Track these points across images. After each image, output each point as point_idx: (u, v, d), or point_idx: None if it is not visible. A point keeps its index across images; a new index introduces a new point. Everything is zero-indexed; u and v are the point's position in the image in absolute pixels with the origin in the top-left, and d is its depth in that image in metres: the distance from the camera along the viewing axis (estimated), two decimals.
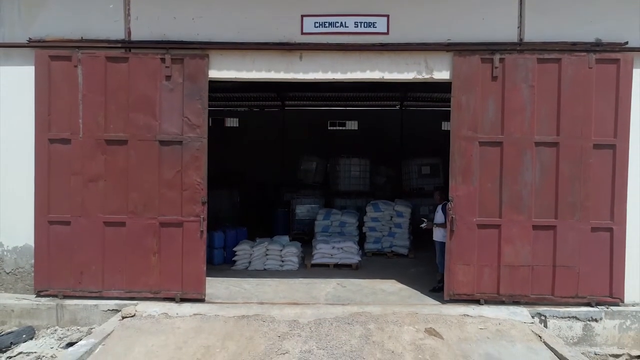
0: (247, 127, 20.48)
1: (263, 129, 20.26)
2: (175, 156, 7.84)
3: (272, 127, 20.30)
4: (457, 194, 7.80)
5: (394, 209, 11.41)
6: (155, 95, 7.80)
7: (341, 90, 19.03)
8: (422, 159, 13.78)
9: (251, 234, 13.74)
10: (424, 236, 12.67)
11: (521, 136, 7.73)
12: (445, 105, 20.52)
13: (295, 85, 18.81)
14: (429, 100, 20.12)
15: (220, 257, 10.52)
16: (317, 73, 7.90)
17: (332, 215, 11.66)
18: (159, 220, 7.81)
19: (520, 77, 7.74)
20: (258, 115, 20.72)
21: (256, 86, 18.86)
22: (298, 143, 19.45)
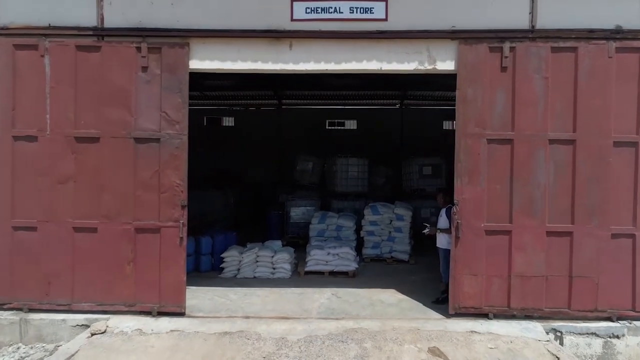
0: (243, 127, 19.70)
1: (259, 128, 19.50)
2: (153, 155, 7.02)
3: (268, 126, 19.53)
4: (463, 196, 6.98)
5: (394, 212, 10.58)
6: (130, 87, 6.99)
7: (340, 88, 18.29)
8: (423, 159, 12.96)
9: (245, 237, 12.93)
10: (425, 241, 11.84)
11: (533, 133, 6.91)
12: (447, 104, 19.78)
13: (292, 83, 18.03)
14: (430, 98, 19.36)
15: (208, 264, 9.69)
16: (308, 63, 7.09)
17: (328, 218, 10.83)
18: (134, 225, 6.99)
19: (532, 67, 6.91)
20: (254, 115, 19.93)
21: (252, 84, 18.10)
22: (295, 143, 18.70)
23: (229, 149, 19.35)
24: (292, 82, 18.08)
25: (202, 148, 19.84)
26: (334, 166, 13.05)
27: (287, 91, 18.89)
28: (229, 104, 19.71)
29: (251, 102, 19.66)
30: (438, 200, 8.03)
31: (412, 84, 18.11)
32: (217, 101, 19.45)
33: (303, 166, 14.32)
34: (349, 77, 17.48)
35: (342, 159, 12.89)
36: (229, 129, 19.88)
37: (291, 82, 18.10)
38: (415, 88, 18.50)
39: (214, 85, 18.11)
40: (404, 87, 18.20)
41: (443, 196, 7.90)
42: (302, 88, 18.57)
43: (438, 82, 18.01)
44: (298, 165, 14.42)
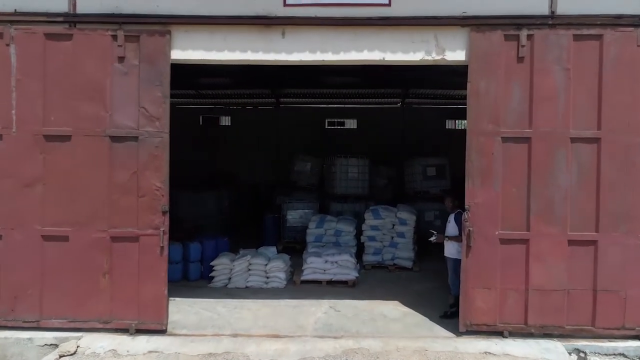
0: (239, 126, 18.93)
1: (257, 127, 18.73)
2: (130, 155, 6.26)
3: (266, 125, 18.77)
4: (474, 201, 6.21)
5: (397, 216, 9.81)
6: (105, 80, 6.23)
7: (340, 86, 17.56)
8: (427, 159, 12.16)
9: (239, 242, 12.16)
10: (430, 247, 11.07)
11: (553, 130, 6.15)
12: (450, 103, 19.03)
13: (290, 81, 17.30)
14: (432, 97, 18.61)
15: (197, 272, 8.93)
16: (303, 54, 6.32)
17: (326, 222, 10.06)
18: (110, 233, 6.24)
19: (552, 57, 6.15)
20: (251, 114, 19.17)
21: (249, 82, 17.37)
22: (293, 142, 17.93)
23: (225, 148, 18.61)
24: (290, 80, 17.40)
25: (198, 148, 19.16)
26: (332, 167, 12.27)
27: (285, 89, 18.15)
28: (225, 103, 18.97)
29: (248, 101, 18.90)
30: (446, 204, 7.25)
31: (414, 82, 17.41)
32: (214, 100, 18.73)
33: (301, 167, 13.55)
34: (349, 74, 16.77)
35: (341, 160, 12.11)
36: (225, 129, 19.12)
37: (289, 80, 17.40)
38: (418, 86, 17.79)
39: (210, 84, 17.39)
40: (406, 85, 17.47)
41: (452, 200, 7.13)
42: (300, 86, 17.84)
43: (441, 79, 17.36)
44: (296, 165, 13.65)
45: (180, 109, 19.06)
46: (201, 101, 18.82)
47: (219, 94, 18.33)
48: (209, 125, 19.18)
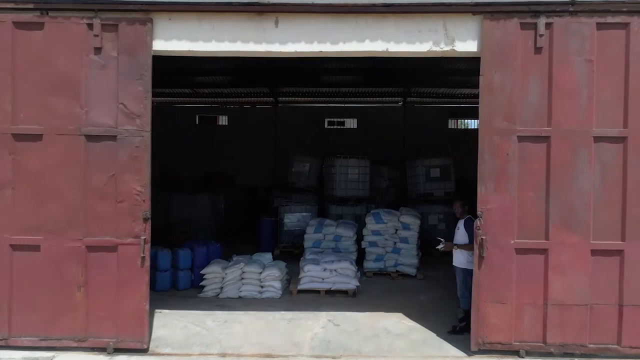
0: (237, 125, 18.31)
1: (255, 127, 18.12)
2: (108, 156, 5.63)
3: (264, 125, 18.16)
4: (487, 206, 5.58)
5: (399, 220, 9.17)
6: (80, 73, 5.60)
7: (340, 85, 16.94)
8: (430, 160, 11.52)
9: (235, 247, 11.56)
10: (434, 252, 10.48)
11: (575, 128, 5.52)
12: (452, 102, 18.40)
13: (289, 79, 16.68)
14: (434, 96, 17.99)
15: (187, 281, 8.29)
16: (298, 44, 5.69)
17: (325, 227, 9.42)
18: (85, 242, 5.61)
19: (573, 48, 5.52)
20: (249, 113, 18.54)
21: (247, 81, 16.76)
22: (292, 142, 17.32)
23: (222, 149, 17.98)
24: (289, 77, 16.79)
25: (193, 148, 18.55)
26: (332, 168, 11.62)
27: (284, 88, 17.54)
28: (222, 102, 18.35)
29: (246, 100, 18.29)
30: (455, 209, 6.60)
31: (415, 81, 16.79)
32: (210, 99, 18.11)
33: (299, 168, 12.91)
34: (350, 72, 16.15)
35: (340, 160, 11.45)
36: (222, 128, 18.51)
37: (288, 78, 16.80)
38: (419, 85, 17.18)
39: (206, 82, 16.78)
40: (407, 84, 16.86)
41: (461, 205, 6.48)
42: (299, 85, 17.23)
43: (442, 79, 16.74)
44: (294, 166, 13.01)
45: (175, 108, 18.44)
46: (197, 100, 18.20)
47: (215, 93, 17.69)
48: (205, 124, 18.57)
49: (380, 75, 16.19)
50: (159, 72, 14.63)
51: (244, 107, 18.53)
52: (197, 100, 18.25)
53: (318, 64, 15.57)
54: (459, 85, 16.99)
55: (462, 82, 16.76)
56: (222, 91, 17.55)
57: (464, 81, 16.69)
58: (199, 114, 18.50)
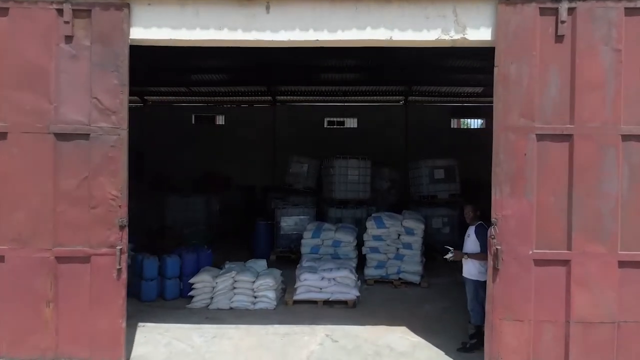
0: (234, 125, 17.69)
1: (252, 126, 17.52)
2: (80, 156, 5.01)
3: (262, 124, 17.56)
4: (503, 212, 4.95)
5: (402, 225, 8.54)
6: (49, 65, 4.99)
7: (339, 83, 16.33)
8: (434, 161, 10.89)
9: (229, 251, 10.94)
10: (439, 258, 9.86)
11: (600, 125, 4.90)
12: (454, 101, 17.78)
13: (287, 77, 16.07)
14: (436, 94, 17.38)
15: (175, 290, 7.66)
16: (291, 32, 5.07)
17: (324, 232, 8.80)
18: (54, 252, 4.99)
19: (598, 36, 4.90)
20: (246, 112, 17.91)
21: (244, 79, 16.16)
22: (290, 142, 16.76)
23: (218, 149, 17.39)
24: (287, 76, 16.17)
25: (189, 148, 17.94)
26: (331, 169, 10.99)
27: (282, 86, 16.94)
28: (219, 101, 17.74)
29: (243, 99, 17.68)
30: (465, 215, 5.96)
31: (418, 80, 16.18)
32: (207, 97, 17.51)
33: (297, 169, 12.29)
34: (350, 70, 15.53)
35: (340, 161, 10.82)
36: (218, 128, 17.90)
37: (286, 77, 16.18)
38: (421, 83, 16.57)
39: (203, 80, 16.18)
40: (409, 82, 16.25)
41: (473, 210, 5.85)
42: (298, 83, 16.63)
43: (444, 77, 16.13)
44: (291, 167, 12.39)
45: (171, 107, 17.83)
46: (193, 99, 17.60)
47: (212, 92, 17.09)
48: (202, 124, 17.96)
49: (381, 73, 15.60)
50: (153, 70, 14.09)
51: (242, 106, 17.92)
52: (193, 100, 17.65)
53: (317, 61, 15.00)
54: (462, 83, 16.37)
55: (464, 80, 16.15)
56: (219, 90, 16.96)
57: (466, 79, 16.08)
58: (196, 113, 17.90)
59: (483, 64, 15.12)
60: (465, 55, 13.93)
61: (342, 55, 14.13)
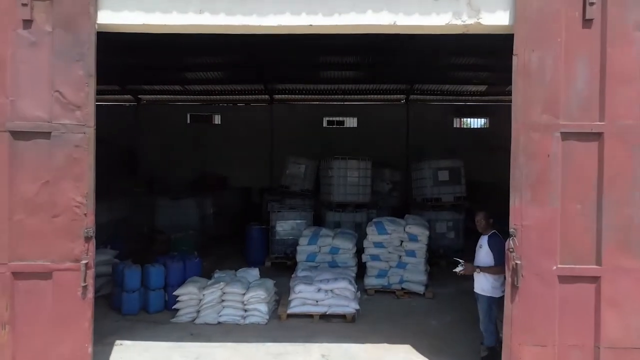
0: (230, 124, 17.02)
1: (249, 126, 16.85)
2: (40, 158, 4.36)
3: (259, 124, 16.89)
4: (523, 222, 4.29)
5: (405, 231, 7.87)
6: (4, 53, 4.34)
7: (339, 81, 15.70)
8: (438, 161, 10.20)
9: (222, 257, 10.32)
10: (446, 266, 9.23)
11: (634, 123, 4.24)
12: (457, 100, 17.10)
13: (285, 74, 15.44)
14: (439, 93, 16.73)
15: (159, 303, 7.00)
16: (282, 16, 4.41)
17: (321, 238, 8.14)
18: (10, 267, 4.34)
19: (632, 20, 4.25)
20: (243, 111, 17.23)
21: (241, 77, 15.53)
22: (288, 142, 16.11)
23: (214, 149, 16.74)
24: (285, 73, 15.51)
25: (184, 148, 17.28)
26: (329, 170, 10.31)
27: (280, 85, 16.29)
28: (214, 100, 17.09)
29: (240, 98, 17.03)
30: (477, 222, 5.28)
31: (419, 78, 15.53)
32: (202, 96, 16.87)
33: (294, 170, 11.63)
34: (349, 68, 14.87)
35: (339, 162, 10.13)
36: (214, 127, 17.22)
37: (283, 74, 15.52)
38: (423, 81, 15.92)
39: (198, 78, 15.54)
40: (411, 80, 15.60)
41: (485, 217, 5.18)
42: (296, 81, 15.99)
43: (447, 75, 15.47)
44: (288, 168, 11.73)
45: (165, 106, 17.16)
46: (188, 98, 16.95)
47: (207, 90, 16.46)
48: (197, 123, 17.28)
49: (382, 71, 14.94)
50: (146, 68, 13.41)
51: (238, 105, 17.26)
52: (188, 98, 17.01)
53: (315, 58, 14.34)
54: (465, 81, 15.73)
55: (467, 78, 15.51)
56: (215, 88, 16.34)
57: (470, 77, 15.43)
58: (191, 112, 17.22)
59: (487, 61, 14.49)
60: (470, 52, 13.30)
61: (342, 52, 13.49)
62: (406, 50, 13.42)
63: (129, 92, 16.55)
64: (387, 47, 13.42)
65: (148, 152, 16.71)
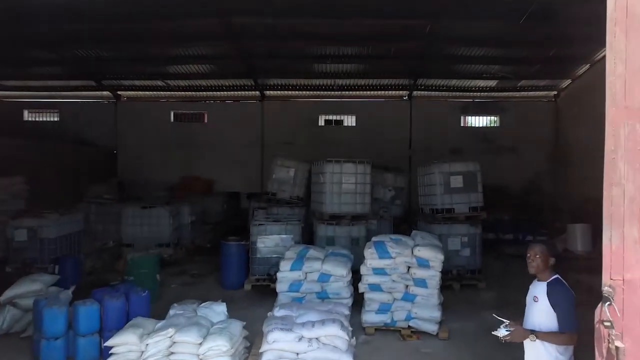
0: (218, 123, 15.23)
1: (238, 125, 15.09)
2: None
3: (249, 122, 15.12)
4: (626, 275, 2.45)
5: (414, 254, 6.04)
6: None
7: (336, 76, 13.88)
8: (450, 165, 8.31)
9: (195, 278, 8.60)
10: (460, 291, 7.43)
11: None
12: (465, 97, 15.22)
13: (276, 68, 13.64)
14: (444, 89, 14.90)
15: (92, 352, 5.17)
16: None
17: (307, 261, 6.30)
18: None
19: None
20: (232, 108, 15.41)
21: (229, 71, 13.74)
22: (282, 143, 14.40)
23: (199, 149, 14.98)
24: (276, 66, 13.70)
25: (168, 149, 15.44)
26: (321, 175, 8.45)
27: (271, 80, 14.50)
28: (200, 97, 15.29)
29: (228, 94, 15.23)
30: (530, 261, 3.33)
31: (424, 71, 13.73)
32: (187, 93, 15.08)
33: (282, 174, 9.83)
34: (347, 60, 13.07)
35: (332, 165, 8.26)
36: (200, 126, 15.41)
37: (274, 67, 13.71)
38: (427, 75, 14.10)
39: (182, 72, 13.75)
40: (414, 74, 13.78)
41: (543, 254, 3.30)
42: (289, 75, 14.19)
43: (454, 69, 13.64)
44: (275, 172, 9.93)
45: (147, 104, 15.33)
46: (172, 94, 15.16)
47: (193, 86, 14.70)
48: (181, 122, 15.46)
49: (383, 63, 13.13)
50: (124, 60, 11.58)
51: (226, 102, 15.44)
52: (172, 95, 15.22)
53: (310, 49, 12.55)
54: (474, 75, 13.88)
55: (477, 72, 13.67)
56: (201, 84, 14.58)
57: (479, 71, 13.62)
58: (175, 110, 15.41)
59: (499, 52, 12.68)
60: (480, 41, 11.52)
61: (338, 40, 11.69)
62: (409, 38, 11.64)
63: (107, 88, 14.77)
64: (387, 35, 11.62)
65: (128, 153, 14.95)
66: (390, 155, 13.34)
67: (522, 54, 12.42)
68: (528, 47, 11.90)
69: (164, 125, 15.10)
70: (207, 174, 14.62)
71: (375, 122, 14.76)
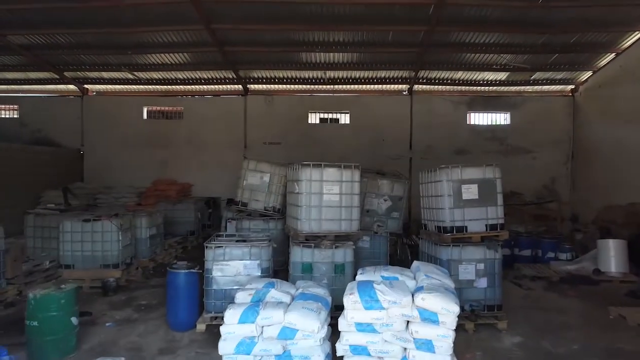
0: (195, 120, 13.24)
1: (218, 122, 13.14)
2: None
3: (230, 120, 13.16)
4: None
5: (415, 304, 4.04)
6: None
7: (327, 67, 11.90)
8: (461, 170, 6.25)
9: (130, 320, 6.61)
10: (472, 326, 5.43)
11: None
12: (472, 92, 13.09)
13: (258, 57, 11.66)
14: (449, 82, 12.89)
15: None
16: None
17: (265, 308, 4.31)
18: None
19: None
20: (211, 104, 13.38)
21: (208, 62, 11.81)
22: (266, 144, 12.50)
23: (175, 149, 13.06)
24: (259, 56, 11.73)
25: (139, 149, 13.46)
26: (296, 184, 6.39)
27: (255, 71, 12.52)
28: (176, 91, 13.32)
29: (207, 88, 13.25)
30: None
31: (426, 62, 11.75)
32: (161, 86, 13.11)
33: (254, 180, 7.85)
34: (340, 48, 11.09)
35: (309, 171, 6.17)
36: (176, 123, 13.40)
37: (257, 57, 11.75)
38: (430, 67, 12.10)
39: (155, 64, 11.81)
40: (415, 65, 11.79)
41: None
42: (274, 67, 12.21)
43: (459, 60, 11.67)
44: (247, 178, 7.94)
45: (116, 99, 13.33)
46: (145, 88, 13.18)
47: (168, 79, 12.73)
48: (155, 118, 13.46)
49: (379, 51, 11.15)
50: (84, 47, 9.31)
51: (205, 97, 13.43)
52: (145, 89, 13.23)
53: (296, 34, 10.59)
54: (481, 67, 11.87)
55: (485, 63, 11.67)
56: (176, 76, 12.61)
57: (489, 61, 11.61)
58: (148, 106, 13.41)
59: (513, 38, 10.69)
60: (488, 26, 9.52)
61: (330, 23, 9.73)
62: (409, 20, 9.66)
63: (72, 82, 12.80)
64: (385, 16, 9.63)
65: (96, 153, 12.99)
66: (388, 155, 11.40)
67: (538, 41, 10.42)
68: (546, 32, 9.94)
69: (135, 123, 13.13)
70: (183, 177, 12.66)
71: (371, 119, 12.80)
